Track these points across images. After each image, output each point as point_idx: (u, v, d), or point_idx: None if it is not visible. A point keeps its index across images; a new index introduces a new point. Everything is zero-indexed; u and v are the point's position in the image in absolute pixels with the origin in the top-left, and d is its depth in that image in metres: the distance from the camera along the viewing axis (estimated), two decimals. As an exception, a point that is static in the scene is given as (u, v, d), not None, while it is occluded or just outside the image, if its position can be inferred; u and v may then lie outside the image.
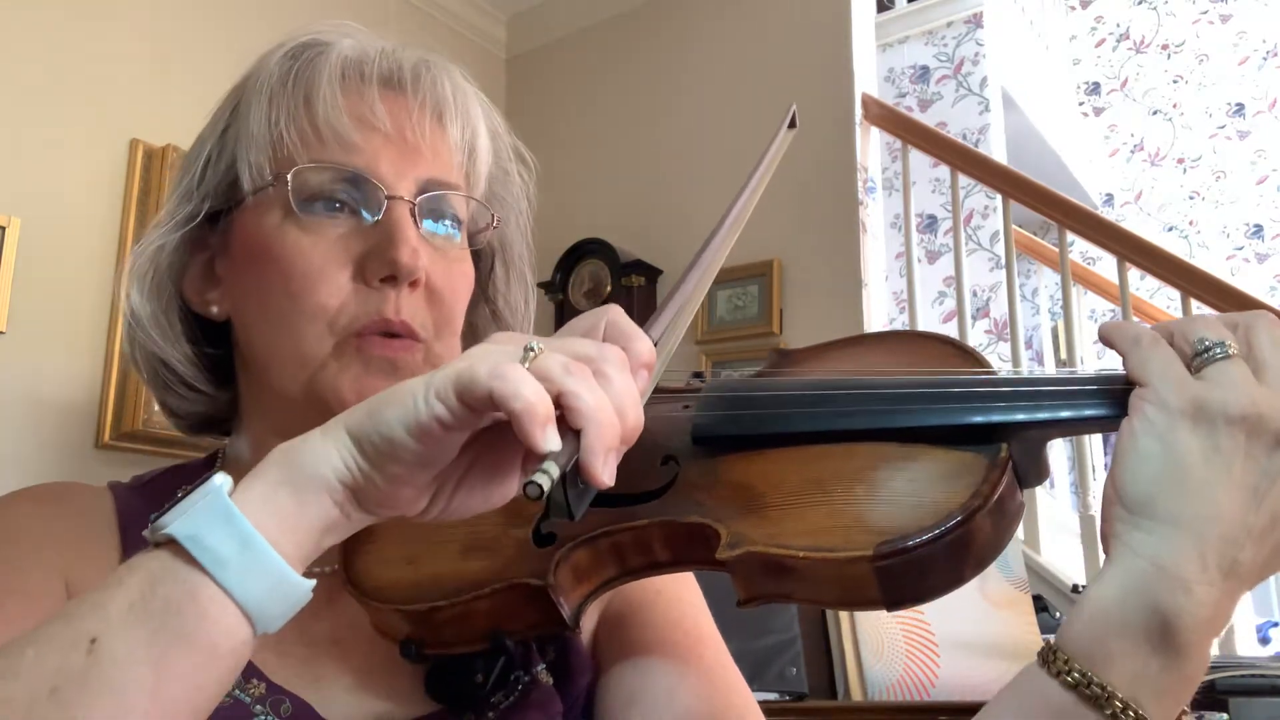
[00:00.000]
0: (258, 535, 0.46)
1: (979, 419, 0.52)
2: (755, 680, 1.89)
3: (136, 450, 2.55)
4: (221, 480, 0.47)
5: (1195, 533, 0.46)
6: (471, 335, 0.78)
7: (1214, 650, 2.74)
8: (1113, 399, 0.50)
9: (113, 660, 0.43)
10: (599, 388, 0.46)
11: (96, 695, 0.43)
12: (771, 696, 1.89)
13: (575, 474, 0.45)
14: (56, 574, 0.64)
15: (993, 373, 0.56)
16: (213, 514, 0.46)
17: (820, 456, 0.54)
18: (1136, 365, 0.50)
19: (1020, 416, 0.51)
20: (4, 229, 2.39)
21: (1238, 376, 0.48)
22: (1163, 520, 0.47)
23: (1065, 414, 0.51)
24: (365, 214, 0.67)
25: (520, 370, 0.45)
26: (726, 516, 0.53)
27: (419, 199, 0.68)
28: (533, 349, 0.47)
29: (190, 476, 0.74)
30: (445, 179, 0.70)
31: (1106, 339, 0.52)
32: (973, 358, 0.59)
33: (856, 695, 1.91)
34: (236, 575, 0.45)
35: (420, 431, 0.47)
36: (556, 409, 0.45)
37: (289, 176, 0.66)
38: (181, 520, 0.46)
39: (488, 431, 0.50)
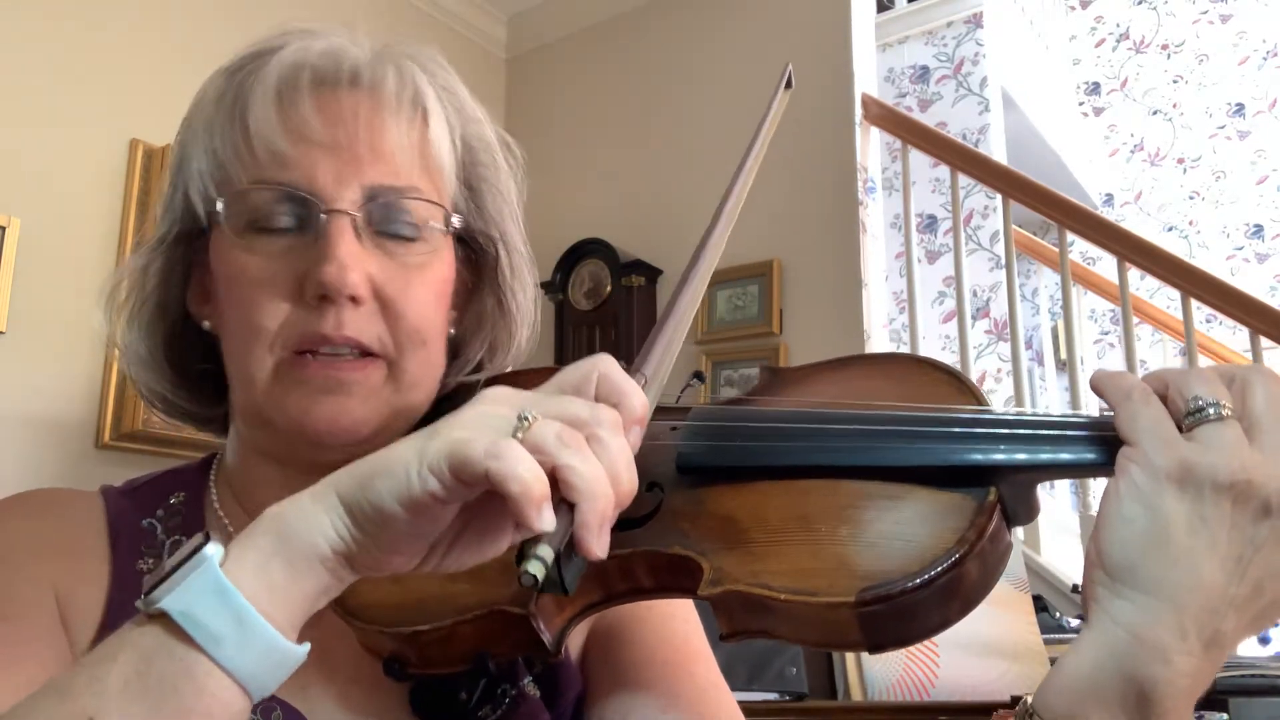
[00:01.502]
0: (252, 610, 0.45)
1: (968, 461, 0.51)
2: (755, 680, 1.89)
3: (136, 450, 2.55)
4: (213, 551, 0.46)
5: (1176, 603, 0.45)
6: (477, 325, 0.76)
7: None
8: (1104, 446, 0.49)
9: None
10: (593, 457, 0.46)
11: None
12: (771, 696, 1.89)
13: (570, 550, 0.45)
14: (46, 586, 0.63)
15: (985, 409, 0.55)
16: (206, 589, 0.45)
17: (806, 492, 0.53)
18: (1125, 422, 0.48)
19: (1011, 459, 0.50)
20: (4, 229, 2.39)
21: (1230, 440, 0.46)
22: (1143, 589, 0.46)
23: (1055, 459, 0.50)
24: (305, 230, 0.65)
25: (516, 448, 0.45)
26: (710, 550, 0.52)
27: (365, 207, 0.66)
28: (526, 418, 0.46)
29: (185, 481, 0.74)
30: (392, 183, 0.67)
31: (1098, 389, 0.51)
32: (967, 390, 0.58)
33: (856, 695, 1.91)
34: (232, 651, 0.45)
35: (413, 505, 0.46)
36: (550, 480, 0.45)
37: (219, 203, 0.66)
38: (175, 595, 0.45)
39: (479, 503, 0.49)
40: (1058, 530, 3.20)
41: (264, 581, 0.46)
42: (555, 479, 0.45)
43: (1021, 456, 0.50)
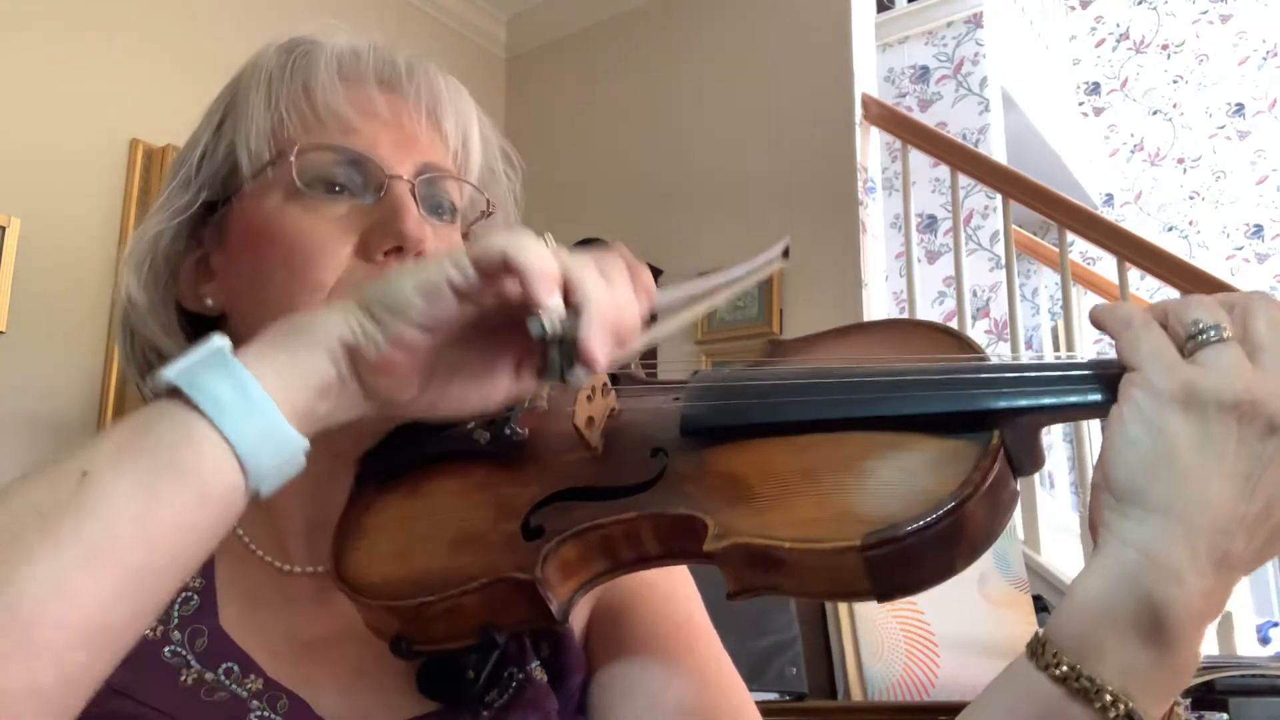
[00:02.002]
0: (254, 382, 0.47)
1: (969, 406, 0.51)
2: (755, 680, 1.89)
3: (136, 450, 2.56)
4: (220, 339, 0.49)
5: (1185, 522, 0.45)
6: None
7: (1214, 650, 2.73)
8: (1105, 385, 0.49)
9: (102, 489, 0.44)
10: (600, 279, 0.51)
11: (83, 521, 0.43)
12: (771, 696, 1.89)
13: (571, 347, 0.50)
14: None
15: (984, 359, 0.56)
16: (211, 364, 0.47)
17: (809, 446, 0.53)
18: (1127, 348, 0.49)
19: (1011, 403, 0.50)
20: (4, 229, 2.39)
21: (1231, 360, 0.46)
22: (1152, 509, 0.46)
23: (1057, 400, 0.50)
24: (366, 195, 0.67)
25: (534, 241, 0.50)
26: (714, 508, 0.52)
27: (419, 180, 0.68)
28: (543, 238, 0.52)
29: None
30: (442, 163, 0.71)
31: (1098, 322, 0.51)
32: (966, 344, 0.58)
33: (856, 695, 1.91)
34: (232, 418, 0.46)
35: (430, 290, 0.50)
36: None
37: (292, 155, 0.66)
38: (179, 369, 0.47)
39: (486, 332, 0.54)
40: (1058, 530, 3.20)
41: (267, 360, 0.49)
42: (564, 287, 0.51)
43: (1023, 400, 0.50)
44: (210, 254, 0.71)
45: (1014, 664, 0.48)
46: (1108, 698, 0.45)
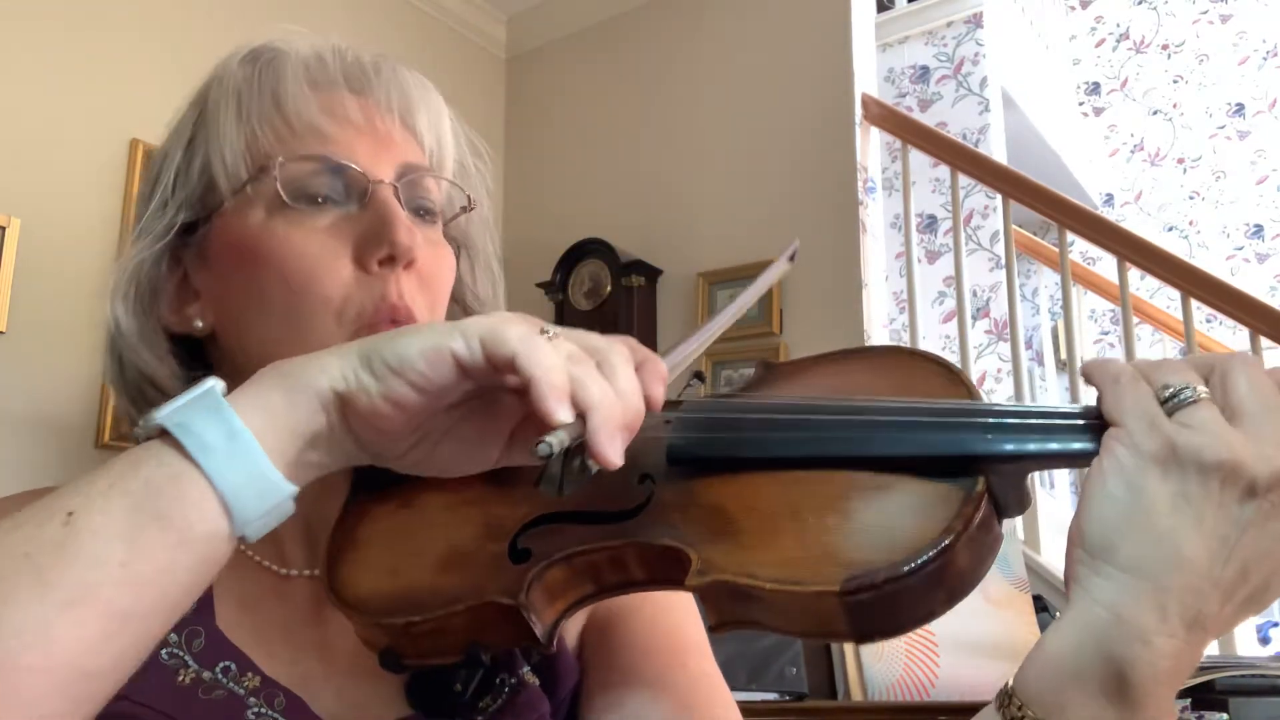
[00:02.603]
0: (244, 429, 0.47)
1: (957, 450, 0.51)
2: (755, 680, 1.89)
3: (136, 450, 2.56)
4: (214, 381, 0.49)
5: (1157, 582, 0.45)
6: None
7: (1214, 650, 2.73)
8: (1093, 435, 0.49)
9: (89, 531, 0.44)
10: (602, 378, 0.49)
11: (69, 562, 0.43)
12: (771, 696, 1.89)
13: (577, 454, 0.48)
14: None
15: (976, 401, 0.55)
16: (201, 406, 0.48)
17: (795, 483, 0.53)
18: (1111, 404, 0.48)
19: (998, 449, 0.50)
20: (4, 229, 2.39)
21: (1209, 419, 0.46)
22: (1123, 567, 0.46)
23: (1043, 448, 0.50)
24: (350, 203, 0.66)
25: (545, 343, 0.49)
26: (699, 541, 0.52)
27: (400, 182, 0.68)
28: (548, 332, 0.50)
29: None
30: (420, 161, 0.71)
31: (1087, 376, 0.51)
32: (959, 381, 0.58)
33: (856, 695, 1.91)
34: (218, 463, 0.46)
35: (434, 357, 0.49)
36: None
37: (275, 169, 0.65)
38: (170, 409, 0.47)
39: (483, 400, 0.53)
40: (1058, 530, 3.20)
41: (259, 404, 0.49)
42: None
43: (1009, 446, 0.50)
44: (191, 274, 0.70)
45: (983, 712, 0.49)
46: None
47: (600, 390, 0.49)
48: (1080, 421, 0.50)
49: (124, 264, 0.70)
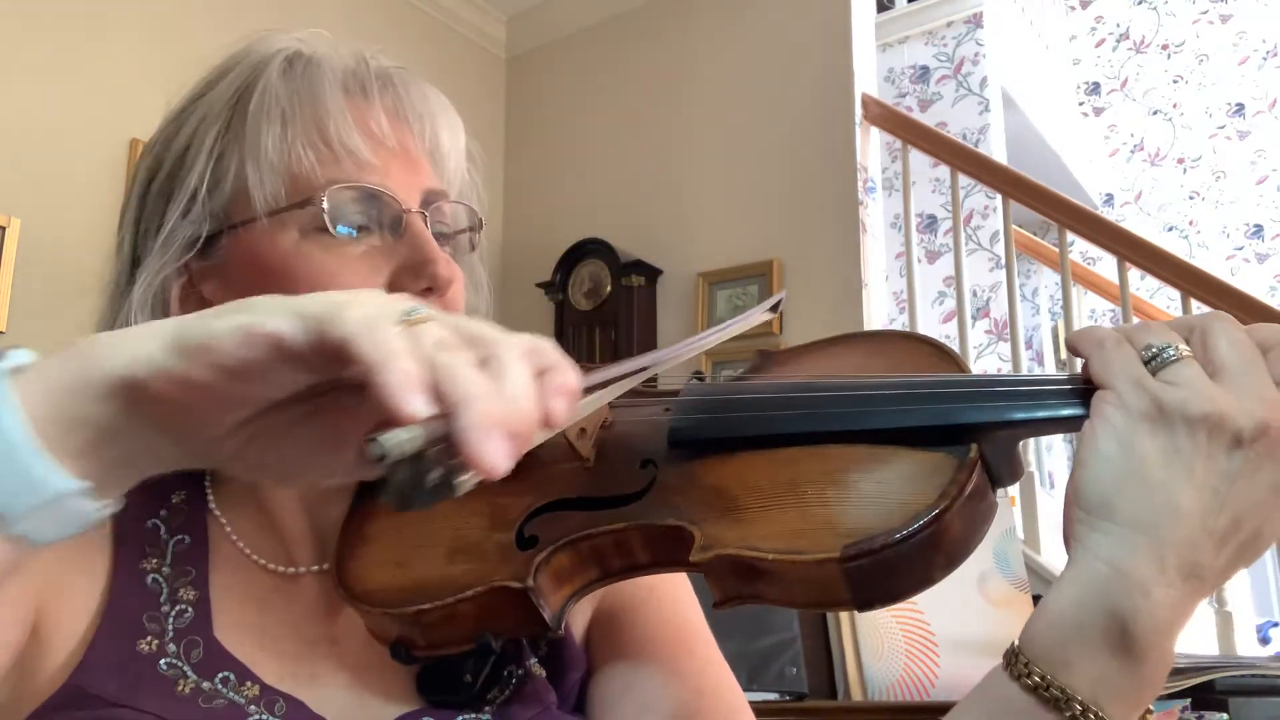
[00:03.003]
0: (13, 411, 0.40)
1: (948, 420, 0.52)
2: (755, 680, 1.89)
3: (136, 450, 2.56)
4: (22, 354, 0.42)
5: (1153, 535, 0.47)
6: None
7: (1214, 650, 2.73)
8: (1080, 400, 0.51)
9: None
10: (478, 373, 0.39)
11: None
12: (771, 696, 1.89)
13: (438, 463, 0.38)
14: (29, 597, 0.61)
15: (965, 371, 0.57)
16: None
17: (794, 459, 0.55)
18: (1099, 367, 0.50)
19: (988, 417, 0.52)
20: (4, 229, 2.39)
21: (1193, 376, 0.48)
22: (1120, 522, 0.47)
23: (1033, 414, 0.52)
24: (383, 232, 0.66)
25: (398, 326, 0.39)
26: (701, 519, 0.54)
27: (428, 210, 0.68)
28: (416, 313, 0.40)
29: (184, 479, 0.74)
30: (441, 186, 0.71)
31: (1072, 345, 0.53)
32: (949, 358, 0.60)
33: (856, 695, 1.91)
34: None
35: (247, 337, 0.40)
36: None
37: (324, 199, 0.64)
38: None
39: (333, 397, 0.45)
40: (1058, 530, 3.20)
41: (46, 384, 0.41)
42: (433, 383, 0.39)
43: (1000, 414, 0.52)
44: (198, 282, 0.69)
45: (990, 673, 0.50)
46: (1078, 707, 0.46)
47: (475, 383, 0.38)
48: (1068, 387, 0.52)
49: (149, 280, 0.68)
